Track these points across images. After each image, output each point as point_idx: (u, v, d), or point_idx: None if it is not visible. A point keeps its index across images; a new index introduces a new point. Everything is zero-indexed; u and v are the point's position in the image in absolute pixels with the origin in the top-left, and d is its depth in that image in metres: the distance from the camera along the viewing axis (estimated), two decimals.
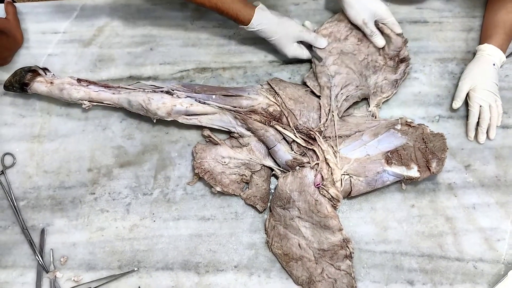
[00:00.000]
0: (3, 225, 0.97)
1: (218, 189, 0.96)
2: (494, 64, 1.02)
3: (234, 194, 0.97)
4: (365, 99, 1.04)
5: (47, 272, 0.93)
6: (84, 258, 0.94)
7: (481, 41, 1.07)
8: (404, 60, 1.05)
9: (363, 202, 0.98)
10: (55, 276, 0.92)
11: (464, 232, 0.95)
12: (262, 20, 0.99)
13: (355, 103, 1.02)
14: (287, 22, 1.01)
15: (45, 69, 1.05)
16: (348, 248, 0.90)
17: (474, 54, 1.06)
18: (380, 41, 1.04)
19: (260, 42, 1.12)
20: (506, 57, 1.05)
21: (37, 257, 0.93)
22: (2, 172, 1.01)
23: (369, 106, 1.03)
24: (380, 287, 0.91)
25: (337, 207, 0.93)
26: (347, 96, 1.00)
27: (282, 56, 1.06)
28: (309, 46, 1.05)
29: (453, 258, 0.93)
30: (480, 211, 0.96)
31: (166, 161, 1.02)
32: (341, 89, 1.00)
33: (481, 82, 1.01)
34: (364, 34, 1.05)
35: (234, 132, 0.98)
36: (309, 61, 1.06)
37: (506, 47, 1.05)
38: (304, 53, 1.04)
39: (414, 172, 0.93)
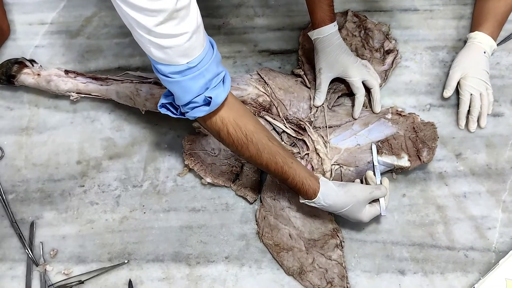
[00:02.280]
0: None
1: (208, 180, 0.96)
2: (485, 52, 1.01)
3: (224, 185, 0.96)
4: None
5: (37, 265, 0.92)
6: (74, 251, 0.94)
7: (472, 29, 1.07)
8: (390, 51, 1.04)
9: None
10: (45, 269, 0.92)
11: (455, 221, 0.94)
12: (329, 193, 0.83)
13: (346, 94, 1.01)
14: (353, 188, 0.85)
15: (32, 61, 1.04)
16: (339, 237, 0.91)
17: (465, 42, 1.06)
18: (317, 101, 0.97)
19: (250, 31, 1.11)
20: (497, 44, 1.04)
21: (26, 250, 0.93)
22: None
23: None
24: (371, 276, 0.91)
25: None
26: (335, 89, 0.99)
27: (272, 45, 1.05)
28: None
29: (444, 247, 0.93)
30: (471, 199, 0.96)
31: (155, 152, 1.01)
32: (328, 84, 0.99)
33: (472, 70, 1.00)
34: (349, 30, 1.04)
35: None
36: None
37: (497, 34, 1.04)
38: (378, 209, 0.88)
39: (404, 162, 0.93)
